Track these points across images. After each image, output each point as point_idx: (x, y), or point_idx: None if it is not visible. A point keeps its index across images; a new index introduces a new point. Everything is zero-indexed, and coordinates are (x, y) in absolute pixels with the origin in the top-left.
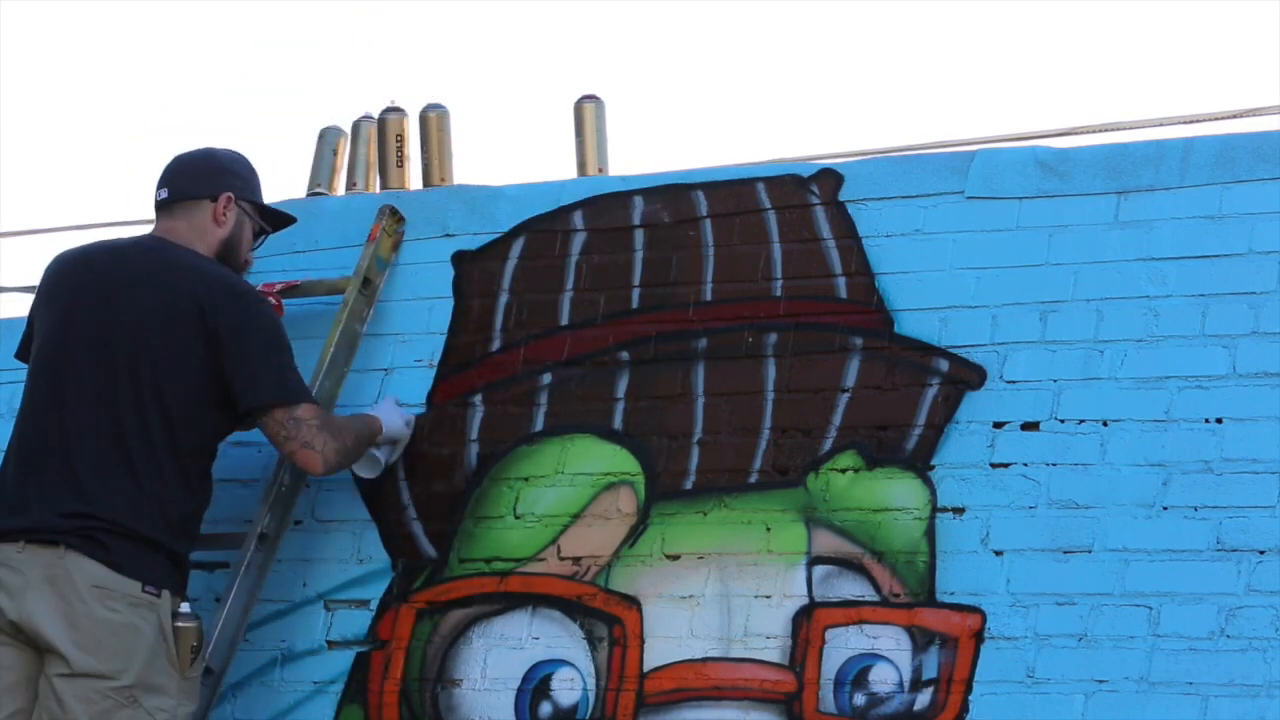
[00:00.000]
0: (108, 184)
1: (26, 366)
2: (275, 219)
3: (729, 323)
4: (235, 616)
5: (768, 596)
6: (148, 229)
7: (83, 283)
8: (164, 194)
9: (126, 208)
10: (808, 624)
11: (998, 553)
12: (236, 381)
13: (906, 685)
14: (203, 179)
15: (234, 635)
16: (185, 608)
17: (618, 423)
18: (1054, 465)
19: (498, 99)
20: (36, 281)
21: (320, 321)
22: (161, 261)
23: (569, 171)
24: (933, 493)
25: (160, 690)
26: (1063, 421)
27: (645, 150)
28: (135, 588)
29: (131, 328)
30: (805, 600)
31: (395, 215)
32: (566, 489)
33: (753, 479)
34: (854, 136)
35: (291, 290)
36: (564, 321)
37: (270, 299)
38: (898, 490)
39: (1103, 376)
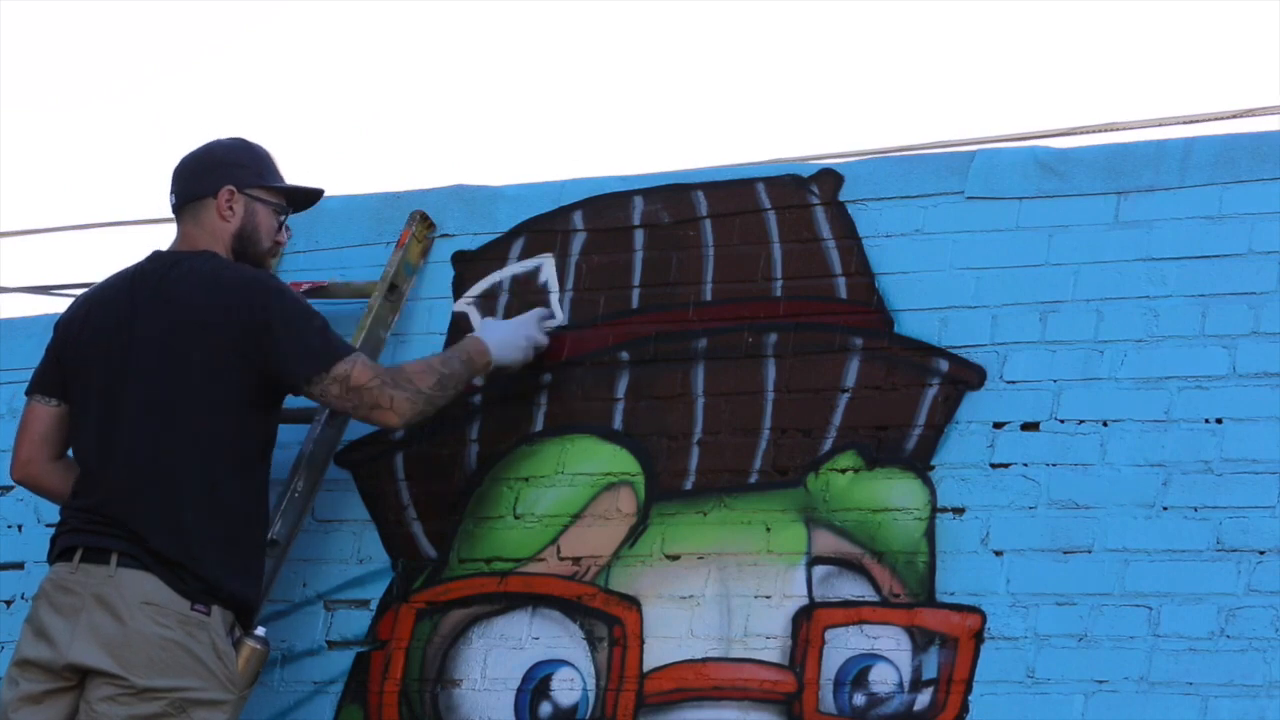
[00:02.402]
0: (109, 184)
1: (33, 391)
2: (296, 195)
3: (729, 323)
4: None
5: (768, 596)
6: (146, 228)
7: (104, 323)
8: (173, 199)
9: (128, 208)
10: (808, 624)
11: (998, 553)
12: (281, 366)
13: (906, 685)
14: (201, 177)
15: None
16: (261, 630)
17: (618, 423)
18: (1054, 465)
19: (498, 99)
20: (35, 282)
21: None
22: (170, 284)
23: (569, 171)
24: (933, 493)
25: (212, 705)
26: (1063, 421)
27: (645, 150)
28: (185, 605)
29: (158, 358)
30: (805, 600)
31: (426, 221)
32: (566, 489)
33: (753, 479)
34: (854, 136)
35: (318, 292)
36: (564, 321)
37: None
38: (898, 490)
39: (1103, 376)
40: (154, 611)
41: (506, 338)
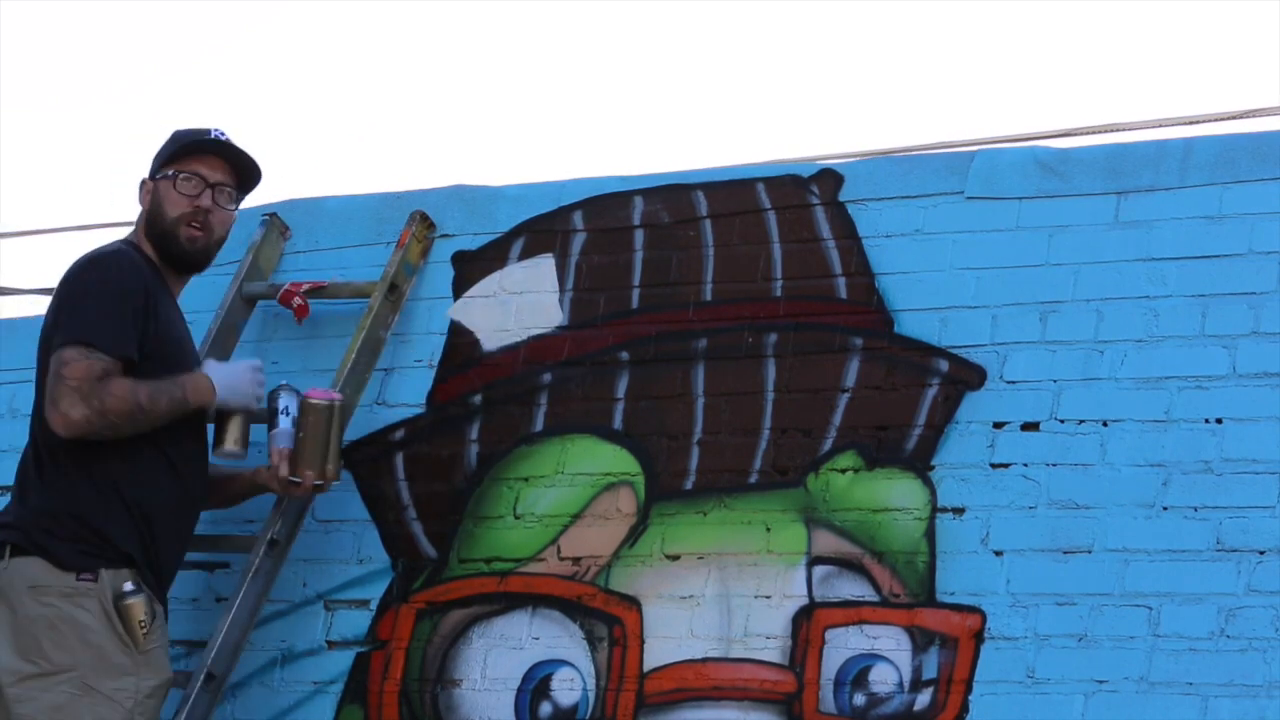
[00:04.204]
0: (109, 184)
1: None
2: (192, 148)
3: (729, 323)
4: (241, 622)
5: (768, 596)
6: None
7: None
8: None
9: (126, 209)
10: (808, 624)
11: (998, 553)
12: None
13: (906, 685)
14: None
15: (238, 640)
16: (128, 585)
17: (618, 423)
18: (1054, 465)
19: (498, 99)
20: (37, 283)
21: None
22: None
23: (569, 171)
24: (933, 493)
25: (117, 672)
26: (1063, 421)
27: (645, 150)
28: (69, 579)
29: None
30: (805, 600)
31: (426, 221)
32: (566, 489)
33: (753, 479)
34: (854, 136)
35: (318, 291)
36: (564, 321)
37: (297, 299)
38: (898, 490)
39: (1103, 376)
40: (38, 593)
41: (233, 380)
